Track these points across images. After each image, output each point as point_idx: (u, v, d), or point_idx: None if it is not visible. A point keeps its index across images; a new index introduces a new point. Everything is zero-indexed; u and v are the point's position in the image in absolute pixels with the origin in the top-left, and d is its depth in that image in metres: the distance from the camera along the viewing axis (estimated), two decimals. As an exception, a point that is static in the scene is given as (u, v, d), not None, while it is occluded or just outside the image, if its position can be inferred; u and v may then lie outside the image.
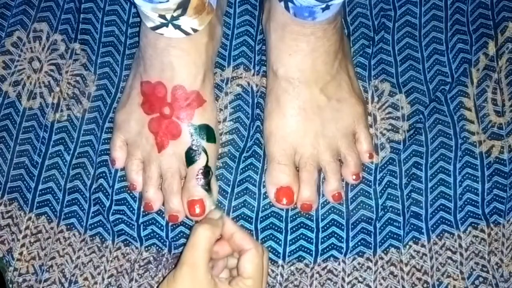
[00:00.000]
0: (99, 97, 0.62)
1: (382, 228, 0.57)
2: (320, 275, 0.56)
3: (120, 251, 0.57)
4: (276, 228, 0.57)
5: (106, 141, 0.60)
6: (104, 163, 0.59)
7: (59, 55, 0.63)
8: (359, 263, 0.56)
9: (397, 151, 0.59)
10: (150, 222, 0.58)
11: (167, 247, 0.58)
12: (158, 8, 0.52)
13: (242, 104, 0.61)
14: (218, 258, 0.50)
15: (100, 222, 0.58)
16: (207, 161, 0.56)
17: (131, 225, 0.58)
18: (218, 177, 0.58)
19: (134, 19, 0.65)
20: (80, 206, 0.58)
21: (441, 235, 0.57)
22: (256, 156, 0.59)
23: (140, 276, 0.56)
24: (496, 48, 0.62)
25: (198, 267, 0.47)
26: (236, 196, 0.58)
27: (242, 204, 0.58)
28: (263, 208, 0.58)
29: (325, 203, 0.58)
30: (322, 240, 0.57)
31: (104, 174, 0.59)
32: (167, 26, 0.53)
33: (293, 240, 0.57)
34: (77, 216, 0.58)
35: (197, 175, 0.56)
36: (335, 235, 0.57)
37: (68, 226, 0.58)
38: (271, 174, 0.57)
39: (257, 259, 0.49)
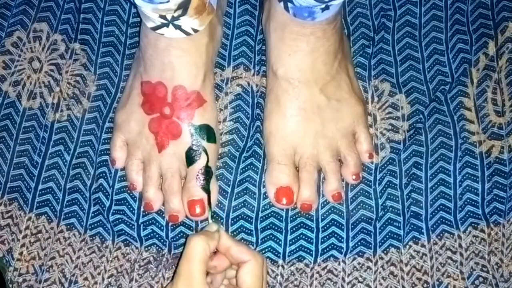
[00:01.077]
0: (99, 97, 0.62)
1: (382, 228, 0.57)
2: (320, 275, 0.56)
3: (120, 251, 0.57)
4: (276, 228, 0.57)
5: (106, 141, 0.60)
6: (104, 163, 0.59)
7: (59, 55, 0.63)
8: (359, 263, 0.56)
9: (397, 151, 0.59)
10: (150, 222, 0.58)
11: (167, 247, 0.58)
12: (159, 9, 0.52)
13: (242, 104, 0.61)
14: (217, 273, 0.50)
15: (100, 222, 0.58)
16: (207, 161, 0.56)
17: (131, 225, 0.58)
18: (218, 177, 0.58)
19: (134, 19, 0.65)
20: (80, 206, 0.58)
21: (441, 235, 0.57)
22: (256, 156, 0.59)
23: (140, 276, 0.56)
24: (496, 48, 0.62)
25: (194, 279, 0.47)
26: (236, 196, 0.58)
27: (242, 204, 0.58)
28: (263, 208, 0.58)
29: (325, 203, 0.58)
30: (322, 240, 0.57)
31: (104, 174, 0.59)
32: (167, 26, 0.53)
33: (293, 240, 0.57)
34: (77, 216, 0.58)
35: (197, 175, 0.56)
36: (335, 235, 0.57)
37: (68, 226, 0.58)
38: (271, 174, 0.57)
39: (256, 270, 0.49)
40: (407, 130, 0.60)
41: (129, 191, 0.58)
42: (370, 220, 0.57)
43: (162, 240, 0.58)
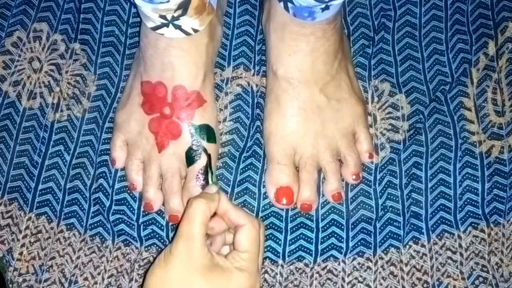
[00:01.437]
0: (99, 97, 0.62)
1: (382, 228, 0.57)
2: (320, 275, 0.56)
3: (120, 251, 0.57)
4: (276, 228, 0.57)
5: (106, 141, 0.60)
6: (104, 163, 0.59)
7: (59, 55, 0.63)
8: (359, 263, 0.56)
9: (397, 151, 0.59)
10: (150, 222, 0.58)
11: (167, 247, 0.58)
12: (159, 9, 0.52)
13: (242, 104, 0.61)
14: (215, 234, 0.50)
15: (100, 222, 0.58)
16: (208, 161, 0.56)
17: (131, 225, 0.58)
18: (218, 177, 0.58)
19: (134, 19, 0.65)
20: (80, 206, 0.58)
21: (441, 235, 0.57)
22: (256, 156, 0.59)
23: (140, 276, 0.56)
24: (496, 48, 0.62)
25: (194, 241, 0.47)
26: (236, 196, 0.58)
27: (242, 204, 0.58)
28: (263, 208, 0.58)
29: (325, 203, 0.58)
30: (322, 240, 0.57)
31: (104, 174, 0.59)
32: (167, 26, 0.53)
33: (293, 240, 0.57)
34: (77, 216, 0.58)
35: (197, 175, 0.56)
36: (335, 235, 0.57)
37: (68, 226, 0.58)
38: (271, 174, 0.57)
39: (253, 234, 0.49)
40: (407, 130, 0.60)
41: (129, 191, 0.58)
42: (370, 220, 0.57)
43: (162, 240, 0.58)
